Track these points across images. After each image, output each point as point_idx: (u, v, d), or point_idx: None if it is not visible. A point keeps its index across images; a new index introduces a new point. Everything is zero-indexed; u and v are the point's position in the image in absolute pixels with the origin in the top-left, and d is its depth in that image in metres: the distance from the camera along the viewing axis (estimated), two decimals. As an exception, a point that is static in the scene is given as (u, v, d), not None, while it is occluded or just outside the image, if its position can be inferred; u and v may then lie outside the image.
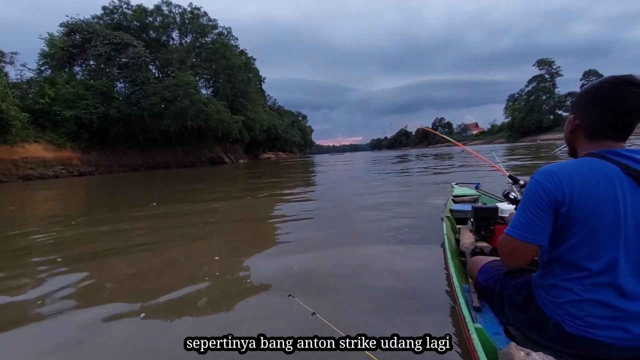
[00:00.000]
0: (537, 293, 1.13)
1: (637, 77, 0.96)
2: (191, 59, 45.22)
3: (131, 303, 2.18)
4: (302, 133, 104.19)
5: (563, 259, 1.03)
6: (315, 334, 1.51)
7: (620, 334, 0.93)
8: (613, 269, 0.94)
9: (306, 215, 4.78)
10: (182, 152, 42.52)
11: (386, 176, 10.53)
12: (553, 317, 1.04)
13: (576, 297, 0.99)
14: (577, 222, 0.98)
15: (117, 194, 10.74)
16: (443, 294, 2.00)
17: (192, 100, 37.43)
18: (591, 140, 1.07)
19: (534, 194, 1.03)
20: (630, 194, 0.94)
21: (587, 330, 0.96)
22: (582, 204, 0.96)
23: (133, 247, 3.64)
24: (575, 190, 0.97)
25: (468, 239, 2.14)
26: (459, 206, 2.96)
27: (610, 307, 0.94)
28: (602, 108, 1.01)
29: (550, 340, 1.05)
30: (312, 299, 1.82)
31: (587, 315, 0.96)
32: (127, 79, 37.28)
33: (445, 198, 3.84)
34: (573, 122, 1.12)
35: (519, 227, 1.06)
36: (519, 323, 1.19)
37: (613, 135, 1.03)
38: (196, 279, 2.55)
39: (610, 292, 0.95)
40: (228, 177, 16.36)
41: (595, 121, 1.04)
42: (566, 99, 75.96)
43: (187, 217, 5.18)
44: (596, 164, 0.98)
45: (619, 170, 0.96)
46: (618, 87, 0.97)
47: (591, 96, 1.04)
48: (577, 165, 1.01)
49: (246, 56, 57.31)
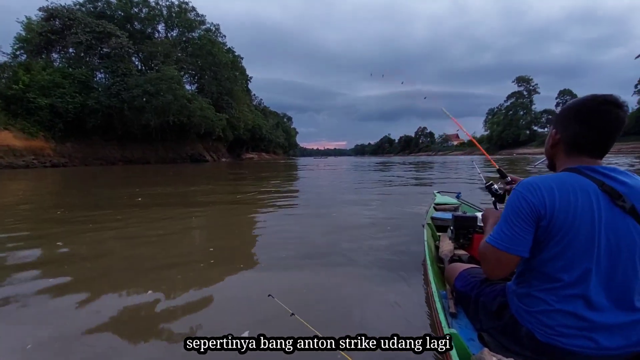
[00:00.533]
0: (511, 301, 1.15)
1: (617, 97, 0.99)
2: (176, 53, 44.42)
3: (108, 296, 2.08)
4: (286, 135, 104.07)
5: (539, 269, 1.05)
6: (293, 334, 1.52)
7: (587, 343, 0.96)
8: (585, 282, 0.97)
9: (289, 221, 4.73)
10: (162, 148, 41.56)
11: (372, 185, 10.58)
12: (525, 325, 1.06)
13: (548, 307, 1.01)
14: (556, 235, 1.00)
15: (85, 192, 10.33)
16: (421, 299, 2.02)
17: (175, 95, 36.74)
18: (570, 155, 1.10)
19: (516, 206, 1.05)
20: (604, 209, 0.97)
21: (556, 338, 0.99)
22: (561, 217, 0.98)
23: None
24: (556, 204, 0.99)
25: (447, 246, 2.17)
26: (439, 214, 2.99)
27: (579, 318, 0.97)
28: (582, 124, 1.04)
29: (522, 347, 1.08)
30: (291, 300, 1.78)
31: (557, 325, 0.99)
32: (108, 69, 36.22)
33: (427, 205, 3.89)
34: (554, 137, 1.14)
35: (502, 238, 1.07)
36: (492, 330, 1.22)
37: (590, 152, 1.06)
38: (172, 279, 2.48)
39: (580, 304, 0.98)
40: (209, 175, 16.07)
41: (575, 137, 1.07)
42: (542, 115, 79.36)
43: (164, 221, 5.02)
44: (575, 179, 1.01)
45: (595, 186, 0.99)
46: (598, 105, 1.00)
47: (573, 112, 1.07)
48: (558, 179, 1.03)
49: (233, 54, 56.83)
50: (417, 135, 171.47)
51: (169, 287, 2.29)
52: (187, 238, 3.69)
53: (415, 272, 2.42)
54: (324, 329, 1.38)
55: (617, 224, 0.97)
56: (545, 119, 78.91)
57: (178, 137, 43.42)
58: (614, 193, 0.98)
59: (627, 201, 0.97)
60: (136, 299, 2.09)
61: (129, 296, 2.15)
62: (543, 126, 79.45)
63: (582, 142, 1.06)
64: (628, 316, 0.96)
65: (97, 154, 34.53)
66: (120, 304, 2.03)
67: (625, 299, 0.98)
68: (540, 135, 75.21)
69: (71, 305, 2.01)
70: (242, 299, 2.13)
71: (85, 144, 34.18)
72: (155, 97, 35.77)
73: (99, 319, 1.84)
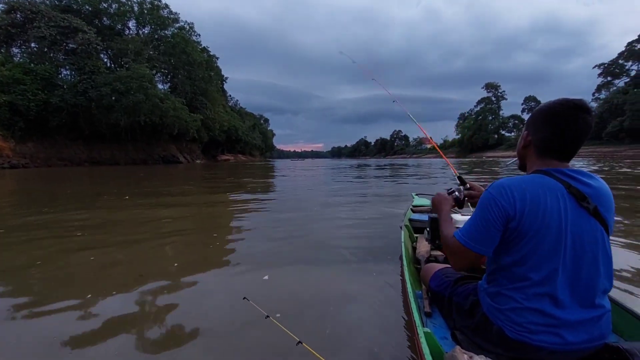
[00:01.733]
0: (482, 300, 1.18)
1: (586, 102, 1.03)
2: (148, 51, 42.96)
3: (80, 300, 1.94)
4: (263, 136, 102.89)
5: (509, 269, 1.08)
6: (268, 336, 1.54)
7: (554, 339, 1.00)
8: (552, 280, 1.01)
9: (266, 224, 4.65)
10: (132, 149, 40.02)
11: (349, 186, 10.63)
12: (496, 323, 1.09)
13: (518, 305, 1.04)
14: (525, 236, 1.03)
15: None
16: (398, 299, 2.03)
17: (146, 95, 35.52)
18: (540, 157, 1.13)
19: (487, 207, 1.08)
20: (570, 210, 1.01)
21: (525, 335, 1.02)
22: (531, 218, 1.02)
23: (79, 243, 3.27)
24: (526, 206, 1.02)
25: (424, 247, 2.22)
26: (417, 216, 3.03)
27: (546, 315, 1.01)
28: (551, 128, 1.07)
29: (493, 344, 1.11)
30: (267, 303, 1.75)
31: (526, 322, 1.03)
32: (74, 66, 34.49)
33: (404, 207, 3.94)
34: (526, 138, 1.17)
35: (469, 237, 1.11)
36: (465, 328, 1.25)
37: (559, 155, 1.10)
38: (144, 280, 2.38)
39: (548, 302, 1.01)
40: (183, 177, 15.63)
41: (545, 139, 1.10)
42: (509, 120, 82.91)
43: (136, 226, 4.81)
44: (545, 181, 1.05)
45: (563, 188, 1.03)
46: (568, 110, 1.04)
47: (544, 115, 1.10)
48: (528, 181, 1.06)
49: (208, 54, 55.70)
50: (392, 138, 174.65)
51: (139, 292, 2.19)
52: (157, 243, 3.54)
53: (393, 273, 2.44)
54: (298, 330, 1.37)
55: (582, 225, 1.02)
56: (512, 123, 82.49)
57: (150, 137, 41.96)
58: (580, 195, 1.02)
59: (591, 203, 1.02)
60: (103, 305, 2.00)
61: (95, 302, 2.04)
62: (510, 130, 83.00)
63: (552, 144, 1.09)
64: (590, 313, 1.01)
65: (61, 155, 32.80)
66: (86, 310, 1.93)
67: (588, 297, 1.02)
68: (507, 140, 78.49)
69: (33, 314, 1.87)
70: (216, 302, 2.06)
71: (48, 144, 32.39)
72: (125, 96, 34.41)
73: (67, 325, 1.74)
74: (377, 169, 21.11)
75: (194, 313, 1.91)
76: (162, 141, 43.83)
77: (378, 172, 17.35)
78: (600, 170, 14.34)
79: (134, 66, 36.23)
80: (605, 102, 55.47)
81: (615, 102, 50.87)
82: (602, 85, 67.13)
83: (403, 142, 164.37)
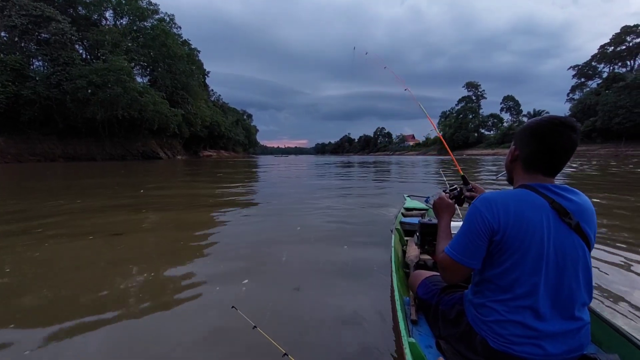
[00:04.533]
0: (467, 310, 1.21)
1: (573, 120, 1.06)
2: (126, 43, 41.59)
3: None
4: (246, 132, 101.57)
5: (493, 281, 1.11)
6: (255, 347, 1.53)
7: (535, 350, 1.02)
8: (534, 294, 1.04)
9: (251, 227, 4.59)
10: (110, 144, 38.79)
11: (335, 185, 10.61)
12: (480, 333, 1.12)
13: (501, 317, 1.07)
14: (508, 249, 1.06)
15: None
16: (387, 305, 2.03)
17: (124, 88, 34.46)
18: (526, 171, 1.16)
19: (473, 221, 1.10)
20: (553, 226, 1.04)
21: (508, 346, 1.04)
22: (514, 232, 1.04)
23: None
24: (510, 220, 1.05)
25: (413, 252, 2.21)
26: (408, 219, 3.00)
27: (527, 328, 1.03)
28: (538, 144, 1.09)
29: (476, 353, 1.13)
30: (254, 313, 1.75)
31: (509, 334, 1.05)
32: (47, 57, 33.10)
33: (394, 209, 3.91)
34: (514, 153, 1.19)
35: (457, 250, 1.14)
36: (450, 337, 1.27)
37: (544, 170, 1.12)
38: (128, 288, 2.30)
39: (529, 314, 1.04)
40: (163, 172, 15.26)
41: (531, 154, 1.13)
42: (488, 119, 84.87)
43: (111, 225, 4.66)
44: (530, 197, 1.07)
45: (547, 203, 1.06)
46: (555, 127, 1.06)
47: (530, 131, 1.12)
48: (513, 196, 1.09)
49: (189, 47, 54.52)
50: (375, 135, 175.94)
51: (119, 297, 2.13)
52: (135, 248, 3.44)
53: (382, 277, 2.43)
54: (284, 340, 1.37)
55: (563, 240, 1.05)
56: (491, 122, 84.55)
57: (128, 132, 40.76)
58: (562, 210, 1.05)
59: (574, 218, 1.05)
60: (85, 308, 1.91)
61: (80, 299, 1.95)
62: (489, 129, 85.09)
63: (538, 160, 1.12)
64: (570, 325, 1.04)
65: (34, 150, 31.46)
66: (72, 309, 1.85)
67: (568, 310, 1.05)
68: (487, 138, 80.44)
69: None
70: (203, 312, 2.01)
71: (20, 139, 31.01)
72: (102, 89, 33.32)
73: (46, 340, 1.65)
74: (363, 167, 21.16)
75: (180, 322, 1.88)
76: (141, 136, 42.63)
77: (362, 170, 17.39)
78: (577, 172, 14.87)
79: (112, 58, 35.02)
80: (579, 102, 57.48)
81: (588, 102, 52.81)
82: (576, 86, 69.58)
83: (386, 139, 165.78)
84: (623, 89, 44.28)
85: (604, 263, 2.72)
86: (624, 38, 61.15)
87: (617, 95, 44.80)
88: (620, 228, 3.88)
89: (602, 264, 2.70)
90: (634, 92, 42.50)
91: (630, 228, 3.86)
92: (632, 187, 8.22)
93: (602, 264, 2.69)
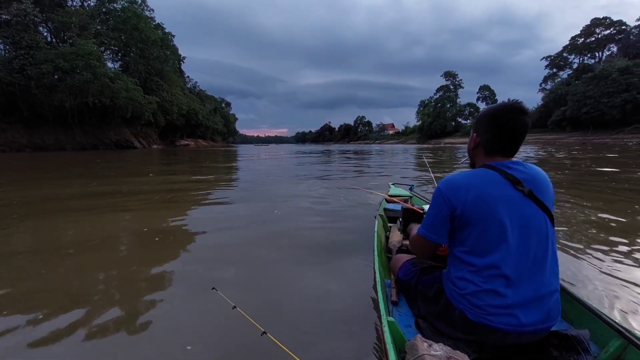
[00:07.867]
0: (446, 286, 1.28)
1: (522, 104, 1.18)
2: (95, 25, 39.29)
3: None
4: (225, 121, 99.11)
5: (464, 254, 1.18)
6: (234, 326, 1.58)
7: (510, 320, 1.08)
8: (503, 261, 1.10)
9: (232, 213, 4.52)
10: (80, 133, 37.01)
11: (317, 173, 10.58)
12: (458, 307, 1.18)
13: (476, 287, 1.13)
14: (471, 222, 1.15)
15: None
16: (368, 288, 2.07)
17: (94, 74, 32.81)
18: (487, 155, 1.27)
19: (436, 200, 1.23)
20: (510, 195, 1.14)
21: (485, 317, 1.10)
22: (475, 205, 1.14)
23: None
24: (470, 195, 1.15)
25: (396, 237, 2.27)
26: (391, 205, 3.07)
27: (500, 295, 1.09)
28: (495, 130, 1.22)
29: (454, 328, 1.19)
30: (234, 294, 1.74)
31: (485, 304, 1.10)
32: (9, 40, 30.91)
33: (379, 196, 3.99)
34: (475, 140, 1.30)
35: (426, 228, 1.27)
36: (429, 314, 1.34)
37: (503, 152, 1.24)
38: (107, 275, 2.23)
39: (501, 282, 1.09)
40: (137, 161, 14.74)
41: (491, 140, 1.24)
42: (465, 108, 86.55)
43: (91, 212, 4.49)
44: (488, 173, 1.19)
45: (499, 175, 1.17)
46: (508, 113, 1.18)
47: (488, 119, 1.24)
48: (472, 174, 1.21)
49: (163, 31, 52.12)
50: (356, 124, 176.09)
51: (90, 286, 2.04)
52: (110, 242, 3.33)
53: (365, 262, 2.47)
54: (264, 319, 1.40)
55: (523, 207, 1.13)
56: (468, 111, 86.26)
57: (100, 120, 39.02)
58: (514, 179, 1.15)
59: (525, 186, 1.14)
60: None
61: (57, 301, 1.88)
62: (466, 118, 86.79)
63: (496, 144, 1.23)
64: (540, 290, 1.10)
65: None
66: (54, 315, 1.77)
67: (537, 275, 1.11)
68: (464, 127, 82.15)
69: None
70: (183, 293, 2.06)
71: (-20, 128, 29.12)
72: (70, 75, 31.61)
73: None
74: (344, 156, 21.23)
75: (161, 303, 1.91)
76: (114, 124, 40.87)
77: (344, 159, 17.43)
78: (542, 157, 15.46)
79: (79, 42, 33.09)
80: (551, 92, 59.27)
81: (559, 92, 54.52)
82: (548, 76, 71.64)
83: (367, 127, 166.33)
84: (591, 80, 45.87)
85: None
86: (593, 30, 63.26)
87: (585, 86, 46.38)
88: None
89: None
90: (601, 82, 44.10)
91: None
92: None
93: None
